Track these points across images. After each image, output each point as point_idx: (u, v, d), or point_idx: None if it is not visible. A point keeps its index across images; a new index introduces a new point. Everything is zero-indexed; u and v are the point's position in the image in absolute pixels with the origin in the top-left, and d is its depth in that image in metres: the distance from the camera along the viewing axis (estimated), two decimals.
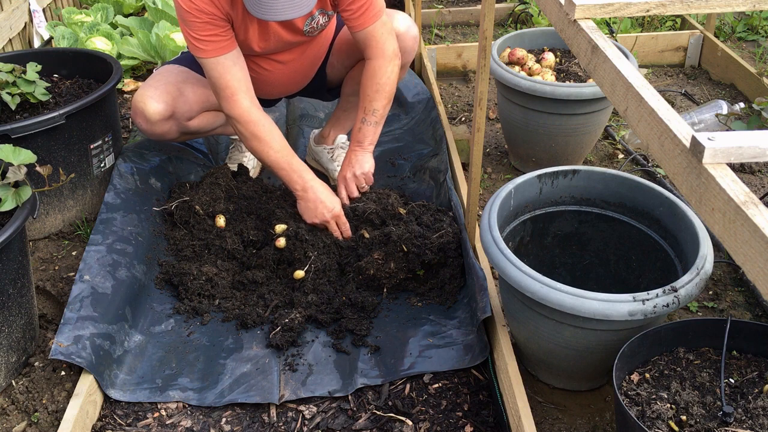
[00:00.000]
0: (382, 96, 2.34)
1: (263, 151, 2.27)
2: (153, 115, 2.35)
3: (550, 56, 2.81)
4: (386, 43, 2.30)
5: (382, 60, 2.30)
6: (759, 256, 0.76)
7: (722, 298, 2.21)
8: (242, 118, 2.22)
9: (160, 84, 2.39)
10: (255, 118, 2.23)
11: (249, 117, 2.22)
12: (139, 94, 2.37)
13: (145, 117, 2.36)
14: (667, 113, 0.98)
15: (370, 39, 2.28)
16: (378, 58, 2.30)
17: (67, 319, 1.96)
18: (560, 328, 1.72)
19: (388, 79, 2.33)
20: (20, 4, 3.57)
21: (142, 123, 2.39)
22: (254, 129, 2.24)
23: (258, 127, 2.24)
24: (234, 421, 1.85)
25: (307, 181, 2.30)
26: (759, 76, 3.26)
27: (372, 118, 2.36)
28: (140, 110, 2.36)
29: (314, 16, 2.27)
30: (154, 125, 2.38)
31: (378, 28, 2.27)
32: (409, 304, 2.20)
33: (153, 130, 2.41)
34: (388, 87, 2.34)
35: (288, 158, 2.29)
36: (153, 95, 2.35)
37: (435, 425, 1.80)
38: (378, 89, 2.32)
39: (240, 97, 2.20)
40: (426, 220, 2.32)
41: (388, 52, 2.31)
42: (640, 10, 1.27)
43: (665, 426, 1.48)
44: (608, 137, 3.10)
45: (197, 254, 2.34)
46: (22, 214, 1.84)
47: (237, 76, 2.19)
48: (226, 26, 2.15)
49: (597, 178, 2.01)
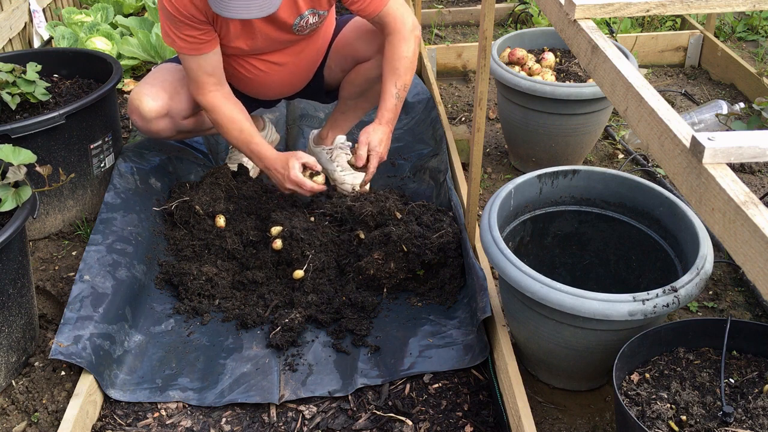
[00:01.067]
0: (408, 69, 2.34)
1: (225, 136, 2.38)
2: (148, 112, 2.38)
3: (550, 56, 2.81)
4: (404, 15, 2.31)
5: (405, 31, 2.31)
6: (759, 256, 0.76)
7: (722, 298, 2.21)
8: (207, 107, 2.33)
9: (156, 82, 2.41)
10: (216, 106, 2.32)
11: (212, 106, 2.32)
12: (136, 92, 2.41)
13: (141, 114, 2.39)
14: (667, 113, 0.98)
15: (386, 18, 2.30)
16: (399, 32, 2.31)
17: (67, 319, 1.96)
18: (560, 328, 1.72)
19: (412, 51, 2.33)
20: (20, 4, 3.57)
21: (137, 120, 2.43)
22: (216, 117, 2.34)
23: (219, 115, 2.33)
24: (234, 421, 1.85)
25: (267, 159, 2.34)
26: (759, 76, 3.26)
27: (403, 93, 2.37)
28: (136, 107, 2.39)
29: (303, 14, 2.26)
30: (149, 123, 2.41)
31: (392, 6, 2.28)
32: (409, 304, 2.20)
33: (148, 127, 2.43)
34: (412, 58, 2.34)
35: (247, 140, 2.34)
36: (149, 93, 2.38)
37: (435, 425, 1.80)
38: (404, 62, 2.32)
39: (206, 90, 2.30)
40: (426, 220, 2.32)
41: (408, 22, 2.32)
42: (640, 10, 1.27)
43: (665, 426, 1.48)
44: (608, 137, 3.10)
45: (197, 254, 2.34)
46: (22, 214, 1.84)
47: (208, 72, 2.27)
48: (206, 28, 2.19)
49: (597, 178, 2.01)
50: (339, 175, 2.69)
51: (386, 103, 2.34)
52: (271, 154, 2.34)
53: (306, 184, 2.31)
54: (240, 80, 2.50)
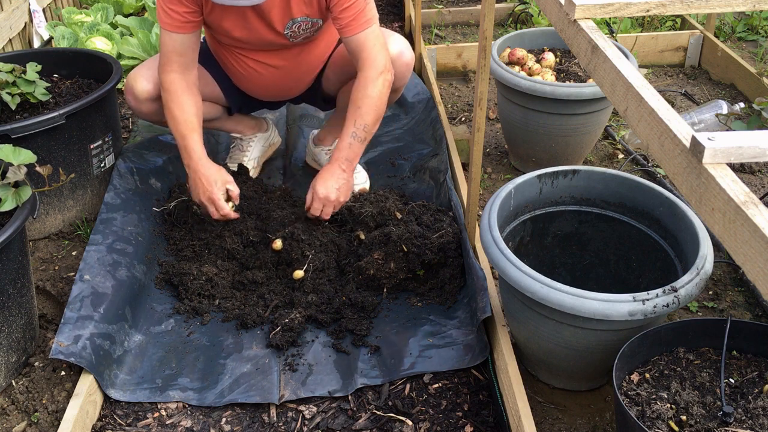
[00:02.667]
0: (372, 111, 2.22)
1: (169, 120, 2.32)
2: (141, 93, 2.40)
3: (550, 56, 2.81)
4: (377, 55, 2.21)
5: (373, 71, 2.21)
6: (759, 256, 0.76)
7: (722, 298, 2.21)
8: (164, 87, 2.31)
9: (154, 65, 2.43)
10: (174, 89, 2.29)
11: (169, 87, 2.29)
12: (133, 73, 2.45)
13: (134, 95, 2.42)
14: (667, 113, 0.98)
15: (360, 49, 2.21)
16: (368, 69, 2.21)
17: (67, 319, 1.96)
18: (560, 328, 1.72)
19: (378, 93, 2.22)
20: (20, 4, 3.57)
21: (131, 100, 2.46)
22: (168, 98, 2.30)
23: (172, 97, 2.29)
24: (234, 421, 1.85)
25: (195, 160, 2.28)
26: (759, 76, 3.26)
27: (362, 134, 2.25)
28: (131, 87, 2.43)
29: (295, 20, 2.25)
30: (141, 104, 2.44)
31: (369, 37, 2.20)
32: (409, 304, 2.20)
33: (140, 108, 2.46)
34: (377, 100, 2.22)
35: (185, 132, 2.28)
36: (144, 75, 2.41)
37: (435, 425, 1.80)
38: (369, 104, 2.21)
39: (170, 69, 2.28)
40: (426, 220, 2.32)
41: (379, 63, 2.21)
42: (640, 10, 1.27)
43: (665, 426, 1.48)
44: (608, 137, 3.10)
45: (197, 254, 2.34)
46: (22, 214, 1.84)
47: (178, 51, 2.26)
48: (193, 8, 2.20)
49: (597, 178, 2.01)
50: None
51: (342, 142, 2.26)
52: (203, 158, 2.29)
53: (221, 207, 2.26)
54: (237, 77, 2.50)
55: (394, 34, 2.47)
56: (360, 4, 2.18)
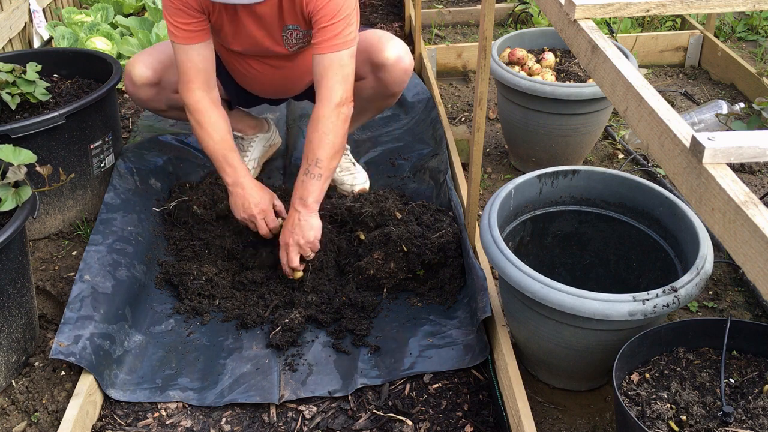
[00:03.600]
0: (326, 145, 2.13)
1: (204, 139, 2.27)
2: (138, 78, 2.41)
3: (550, 56, 2.81)
4: (335, 86, 2.12)
5: (326, 107, 2.12)
6: (759, 256, 0.76)
7: (722, 298, 2.21)
8: (191, 107, 2.26)
9: (154, 52, 2.45)
10: (202, 108, 2.25)
11: (197, 106, 2.25)
12: (132, 58, 2.46)
13: (132, 79, 2.43)
14: (667, 113, 0.98)
15: (322, 75, 2.13)
16: (322, 104, 2.13)
17: (67, 319, 1.96)
18: (560, 328, 1.72)
19: (333, 127, 2.12)
20: (20, 4, 3.57)
21: (129, 85, 2.46)
22: (200, 118, 2.25)
23: (203, 117, 2.25)
24: (234, 421, 1.85)
25: (239, 177, 2.26)
26: (759, 76, 3.26)
27: (316, 170, 2.14)
28: (128, 72, 2.43)
29: (288, 27, 2.23)
30: (138, 89, 2.44)
31: (333, 63, 2.11)
32: (409, 304, 2.20)
33: (137, 93, 2.46)
34: (331, 136, 2.13)
35: (224, 151, 2.26)
36: (143, 60, 2.42)
37: (435, 425, 1.80)
38: (321, 138, 2.13)
39: (194, 86, 2.23)
40: (426, 220, 2.32)
41: (334, 98, 2.12)
42: (640, 10, 1.27)
43: (665, 426, 1.48)
44: (608, 137, 3.10)
45: (197, 254, 2.34)
46: (22, 214, 1.84)
47: (198, 66, 2.22)
48: (199, 17, 2.17)
49: (597, 178, 2.01)
50: (339, 175, 2.69)
51: (296, 181, 2.19)
52: (247, 175, 2.27)
53: (271, 221, 2.24)
54: (239, 75, 2.50)
55: (394, 38, 2.42)
56: (338, 26, 2.08)
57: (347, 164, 2.71)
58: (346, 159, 2.73)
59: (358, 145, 2.96)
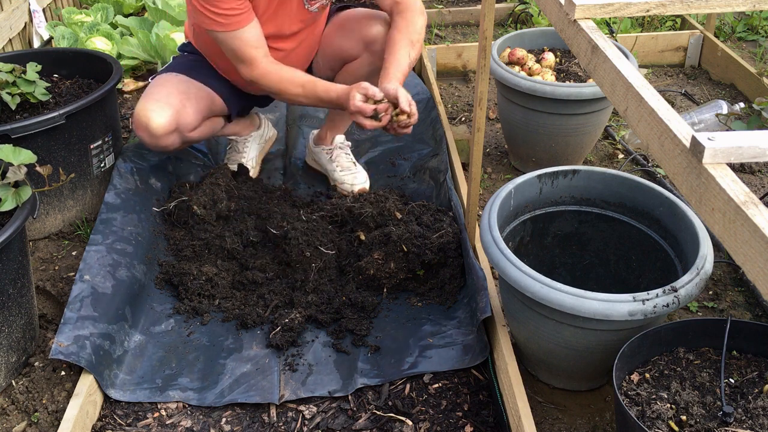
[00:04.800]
0: (419, 43, 2.37)
1: (290, 87, 2.32)
2: (157, 129, 2.33)
3: (550, 56, 2.81)
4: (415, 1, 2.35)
5: (416, 8, 2.35)
6: (759, 256, 0.76)
7: (722, 298, 2.21)
8: (260, 77, 2.29)
9: (161, 96, 2.36)
10: (274, 69, 2.29)
11: (269, 68, 2.28)
12: (142, 108, 2.34)
13: (149, 132, 2.34)
14: (667, 113, 0.98)
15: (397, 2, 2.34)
16: (411, 8, 2.34)
17: (67, 319, 1.96)
18: (560, 328, 1.72)
19: (422, 25, 2.36)
20: (20, 4, 3.57)
21: (145, 137, 2.37)
22: (278, 75, 2.29)
23: (280, 70, 2.30)
24: (234, 421, 1.85)
25: (341, 95, 2.27)
26: (759, 76, 3.26)
27: (412, 65, 2.35)
28: (144, 125, 2.33)
29: None
30: (158, 139, 2.36)
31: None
32: (409, 304, 2.20)
33: (157, 143, 2.39)
34: (422, 34, 2.37)
35: (312, 90, 2.31)
36: (155, 109, 2.33)
37: (435, 425, 1.80)
38: (417, 35, 2.34)
39: (259, 61, 2.27)
40: (426, 220, 2.32)
41: (419, 3, 2.36)
42: (640, 10, 1.27)
43: (665, 426, 1.48)
44: (608, 137, 3.10)
45: (197, 254, 2.34)
46: (22, 214, 1.84)
47: (254, 44, 2.24)
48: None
49: (597, 178, 2.01)
50: (339, 175, 2.69)
51: (401, 65, 2.30)
52: (339, 90, 2.29)
53: (366, 111, 2.22)
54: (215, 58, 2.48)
55: (381, 13, 2.49)
56: None
57: (348, 163, 2.71)
58: (347, 158, 2.73)
59: (358, 145, 2.96)
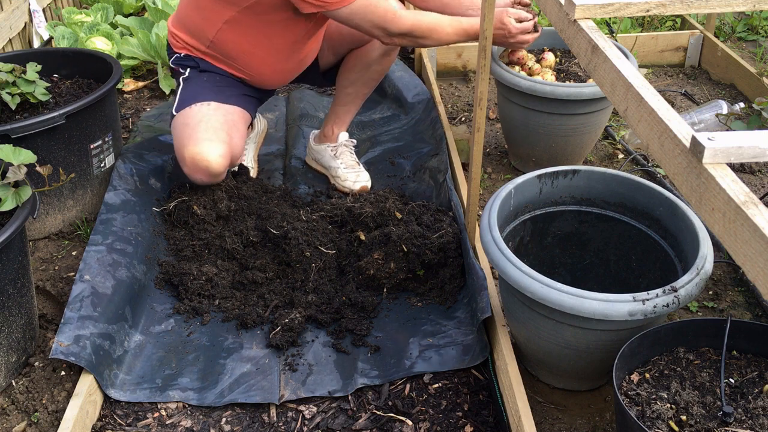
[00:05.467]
0: None
1: (442, 39, 2.38)
2: (218, 168, 2.27)
3: (550, 56, 2.81)
4: None
5: None
6: (759, 256, 0.76)
7: (722, 298, 2.21)
8: (413, 28, 2.30)
9: (210, 135, 2.27)
10: (415, 20, 2.30)
11: (413, 24, 2.29)
12: (197, 152, 2.24)
13: (210, 173, 2.28)
14: (667, 113, 0.98)
15: None
16: None
17: (68, 319, 1.96)
18: (560, 328, 1.72)
19: None
20: (20, 4, 3.57)
21: (204, 178, 2.31)
22: (421, 30, 2.31)
23: (424, 17, 2.33)
24: (234, 421, 1.85)
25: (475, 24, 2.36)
26: (759, 76, 3.26)
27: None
28: (204, 168, 2.25)
29: None
30: (217, 177, 2.33)
31: None
32: (409, 304, 2.20)
33: (215, 181, 2.36)
34: None
35: (459, 27, 2.36)
36: (210, 150, 2.24)
37: (435, 425, 1.80)
38: None
39: (398, 13, 2.27)
40: (426, 220, 2.32)
41: None
42: (640, 10, 1.27)
43: (665, 426, 1.49)
44: (608, 137, 3.10)
45: (197, 254, 2.34)
46: (22, 214, 1.84)
47: None
48: None
49: (597, 178, 2.01)
50: (342, 172, 2.69)
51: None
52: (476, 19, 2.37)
53: (528, 27, 2.41)
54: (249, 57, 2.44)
55: None
56: None
57: (351, 162, 2.72)
58: (351, 157, 2.74)
59: (358, 144, 2.95)
